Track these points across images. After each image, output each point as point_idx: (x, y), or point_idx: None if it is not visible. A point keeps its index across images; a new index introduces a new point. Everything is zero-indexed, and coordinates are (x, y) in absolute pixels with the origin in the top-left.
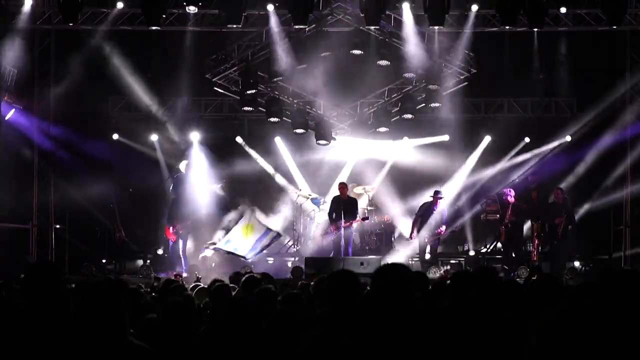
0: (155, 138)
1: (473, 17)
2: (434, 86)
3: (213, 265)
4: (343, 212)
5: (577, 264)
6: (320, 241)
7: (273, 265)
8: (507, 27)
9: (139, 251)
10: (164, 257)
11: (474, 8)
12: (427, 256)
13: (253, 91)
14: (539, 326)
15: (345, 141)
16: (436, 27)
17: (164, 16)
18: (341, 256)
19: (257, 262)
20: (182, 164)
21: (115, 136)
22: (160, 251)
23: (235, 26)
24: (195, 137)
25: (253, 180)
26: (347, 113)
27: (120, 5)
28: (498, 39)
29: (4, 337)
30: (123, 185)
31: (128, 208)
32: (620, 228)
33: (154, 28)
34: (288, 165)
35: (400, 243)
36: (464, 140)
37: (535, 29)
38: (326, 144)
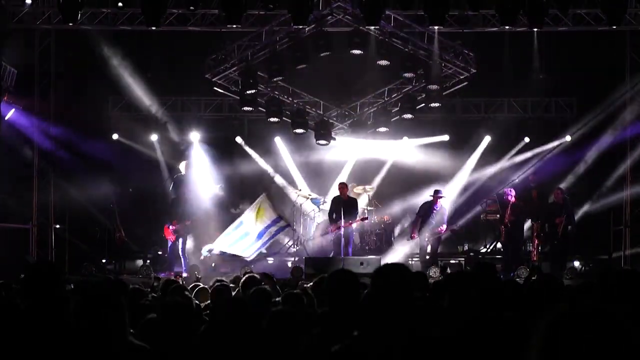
0: (155, 138)
1: (473, 17)
2: (434, 86)
3: (213, 265)
4: (343, 212)
5: (577, 264)
6: (320, 241)
7: (273, 265)
8: (507, 27)
9: (139, 251)
10: (164, 257)
11: (474, 8)
12: (427, 256)
13: (253, 91)
14: (541, 326)
15: (345, 141)
16: (436, 27)
17: (164, 16)
18: (341, 256)
19: (257, 262)
20: (182, 164)
21: (115, 136)
22: (160, 251)
23: (235, 26)
24: (195, 137)
25: (253, 180)
26: (347, 113)
27: (120, 5)
28: (498, 39)
29: (4, 337)
30: (123, 185)
31: (128, 208)
32: (620, 228)
33: (154, 28)
34: (288, 165)
35: (400, 242)
36: (464, 140)
37: (535, 29)
38: (326, 144)
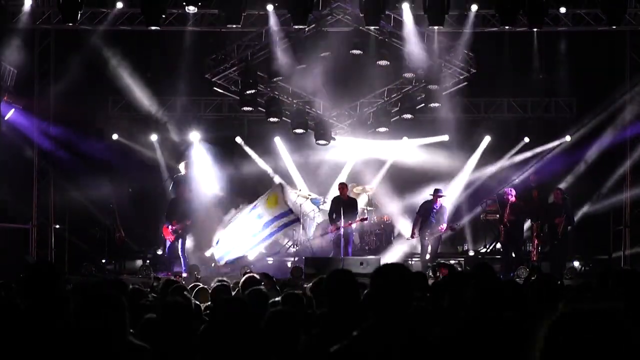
0: (155, 138)
1: (473, 17)
2: (434, 86)
3: (213, 265)
4: (343, 212)
5: (577, 264)
6: (320, 241)
7: (273, 265)
8: (507, 27)
9: (139, 251)
10: (164, 257)
11: (474, 8)
12: (428, 256)
13: (253, 91)
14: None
15: (344, 141)
16: (436, 27)
17: (164, 16)
18: (341, 256)
19: (257, 262)
20: (182, 164)
21: (115, 136)
22: (159, 251)
23: (235, 26)
24: (195, 137)
25: (252, 180)
26: (347, 113)
27: (119, 5)
28: (498, 39)
29: (4, 337)
30: (123, 185)
31: (128, 208)
32: (619, 228)
33: (154, 28)
34: (287, 165)
35: (399, 242)
36: (464, 140)
37: (535, 29)
38: (326, 144)
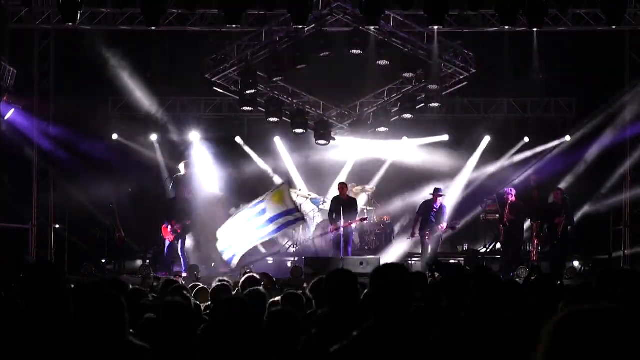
0: (155, 138)
1: (472, 17)
2: (434, 86)
3: (213, 265)
4: (343, 212)
5: (577, 264)
6: (319, 241)
7: (273, 265)
8: (507, 27)
9: (139, 251)
10: (163, 257)
11: (474, 8)
12: (428, 255)
13: (252, 91)
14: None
15: (344, 141)
16: (436, 27)
17: (164, 16)
18: (341, 256)
19: (257, 262)
20: (181, 164)
21: (115, 136)
22: (159, 251)
23: (235, 26)
24: (194, 137)
25: (252, 180)
26: (347, 113)
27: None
28: (498, 39)
29: (4, 337)
30: (123, 185)
31: (128, 208)
32: (619, 228)
33: (154, 28)
34: (287, 165)
35: (399, 242)
36: (464, 140)
37: (534, 29)
38: (326, 144)
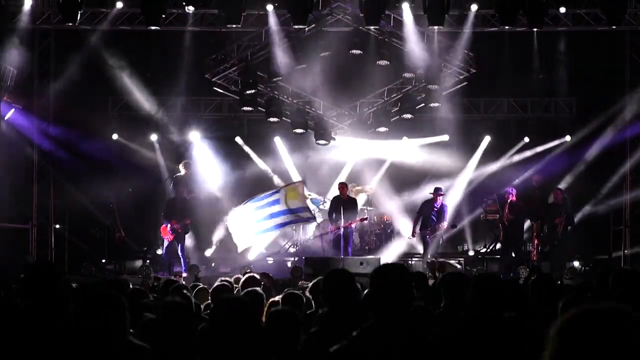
0: (155, 138)
1: (473, 17)
2: (434, 86)
3: (213, 265)
4: (343, 212)
5: (577, 264)
6: (319, 241)
7: (273, 265)
8: (507, 27)
9: (139, 251)
10: (162, 258)
11: (474, 8)
12: (428, 255)
13: (252, 91)
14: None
15: (344, 141)
16: (436, 27)
17: (164, 16)
18: (340, 256)
19: (257, 262)
20: (181, 164)
21: (115, 136)
22: (159, 251)
23: (234, 26)
24: (194, 137)
25: (252, 180)
26: (347, 113)
27: (119, 5)
28: (498, 39)
29: (4, 337)
30: (123, 185)
31: (128, 208)
32: (620, 228)
33: (154, 28)
34: (287, 165)
35: (399, 242)
36: (464, 140)
37: (534, 29)
38: (326, 144)
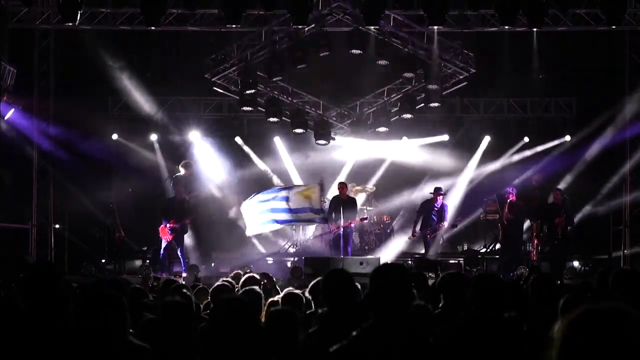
0: (154, 138)
1: (472, 17)
2: (434, 86)
3: (213, 265)
4: (342, 212)
5: (577, 264)
6: (319, 241)
7: (273, 265)
8: (507, 27)
9: (139, 251)
10: (161, 258)
11: (474, 8)
12: (428, 255)
13: (252, 91)
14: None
15: (344, 141)
16: (436, 27)
17: (164, 16)
18: (340, 256)
19: (257, 262)
20: (181, 164)
21: (115, 136)
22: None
23: (234, 26)
24: (195, 137)
25: (252, 180)
26: (347, 113)
27: (119, 5)
28: (498, 39)
29: (4, 337)
30: (123, 185)
31: (128, 208)
32: (619, 228)
33: (154, 28)
34: (287, 165)
35: (399, 241)
36: (464, 140)
37: (534, 29)
38: (325, 144)
